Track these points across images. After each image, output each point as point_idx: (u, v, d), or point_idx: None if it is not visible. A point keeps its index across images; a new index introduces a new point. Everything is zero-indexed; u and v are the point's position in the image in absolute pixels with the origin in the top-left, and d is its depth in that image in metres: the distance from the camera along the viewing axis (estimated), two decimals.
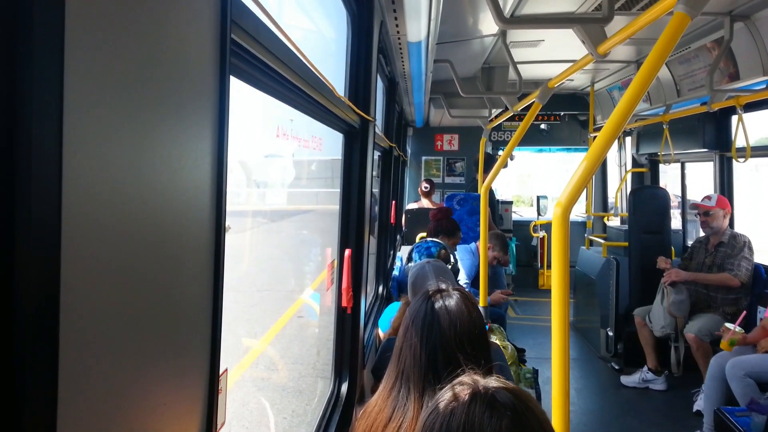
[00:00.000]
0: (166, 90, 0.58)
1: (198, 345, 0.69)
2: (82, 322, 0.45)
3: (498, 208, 7.58)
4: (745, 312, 4.02)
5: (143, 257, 0.55)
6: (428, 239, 4.06)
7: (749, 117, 4.24)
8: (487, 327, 2.80)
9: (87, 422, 0.47)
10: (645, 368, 4.77)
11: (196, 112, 0.64)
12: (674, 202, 6.47)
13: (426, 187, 7.02)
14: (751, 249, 4.45)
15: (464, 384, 0.98)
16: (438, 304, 1.51)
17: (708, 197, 4.65)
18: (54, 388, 0.42)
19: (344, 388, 2.30)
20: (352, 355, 2.34)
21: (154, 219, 0.56)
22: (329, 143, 2.45)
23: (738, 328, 3.79)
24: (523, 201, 18.02)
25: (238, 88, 1.06)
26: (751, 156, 4.09)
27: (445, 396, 0.97)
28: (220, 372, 0.91)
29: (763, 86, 3.65)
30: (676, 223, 6.26)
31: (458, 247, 4.65)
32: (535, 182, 20.26)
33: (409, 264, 3.91)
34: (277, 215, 7.17)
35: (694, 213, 4.90)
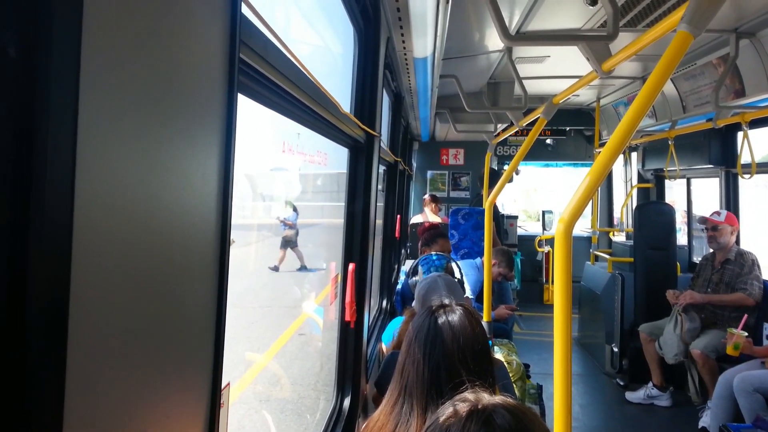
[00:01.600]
0: (177, 107, 0.59)
1: (201, 358, 0.70)
2: (89, 330, 0.46)
3: (503, 223, 7.58)
4: (746, 315, 4.00)
5: (149, 269, 0.56)
6: (432, 253, 4.07)
7: (755, 133, 4.25)
8: (490, 342, 2.79)
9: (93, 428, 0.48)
10: (650, 384, 4.74)
11: (204, 129, 0.66)
12: (683, 218, 6.46)
13: (426, 196, 7.20)
14: (759, 267, 4.43)
15: (466, 401, 0.99)
16: (441, 320, 1.51)
17: (717, 212, 4.64)
18: (61, 396, 0.43)
19: (347, 402, 2.30)
20: (355, 370, 2.33)
21: (160, 232, 0.57)
22: (335, 157, 2.46)
23: (741, 332, 3.77)
24: (530, 216, 17.98)
25: (247, 103, 1.08)
26: (757, 172, 4.08)
27: (445, 411, 0.97)
28: (223, 386, 0.92)
29: None
30: (682, 239, 6.24)
31: (463, 262, 4.65)
32: (541, 197, 20.22)
33: (414, 278, 3.91)
34: (282, 229, 7.16)
35: (701, 228, 4.87)
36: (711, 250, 4.73)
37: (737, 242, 4.74)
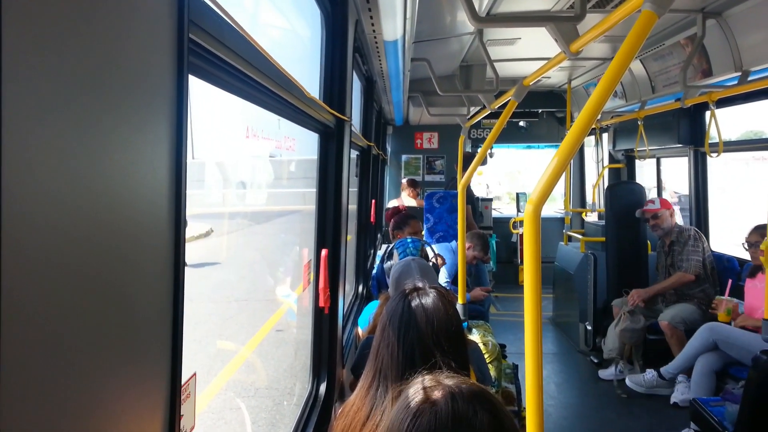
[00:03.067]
0: (119, 90, 0.56)
1: (158, 350, 0.68)
2: (23, 329, 0.44)
3: (478, 206, 7.62)
4: (730, 280, 4.13)
5: (95, 260, 0.53)
6: (407, 237, 4.07)
7: (722, 112, 4.32)
8: (465, 324, 2.81)
9: None
10: (620, 359, 4.84)
11: (151, 112, 0.63)
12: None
13: (403, 183, 7.23)
14: (696, 239, 4.64)
15: (434, 385, 0.99)
16: (415, 302, 1.51)
17: (651, 201, 4.92)
18: None
19: (323, 388, 2.30)
20: (330, 355, 2.33)
21: (106, 221, 0.55)
22: (312, 142, 2.44)
23: (730, 298, 3.91)
24: (513, 198, 18.12)
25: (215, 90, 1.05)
26: (724, 151, 4.16)
27: (414, 398, 0.96)
28: (188, 377, 0.90)
29: (735, 82, 3.71)
30: None
31: (438, 245, 4.67)
32: (525, 179, 20.34)
33: (389, 262, 3.92)
34: (261, 217, 6.95)
35: (643, 220, 5.05)
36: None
37: (706, 222, 4.90)
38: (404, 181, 7.41)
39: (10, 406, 0.42)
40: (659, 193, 6.28)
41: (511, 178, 20.69)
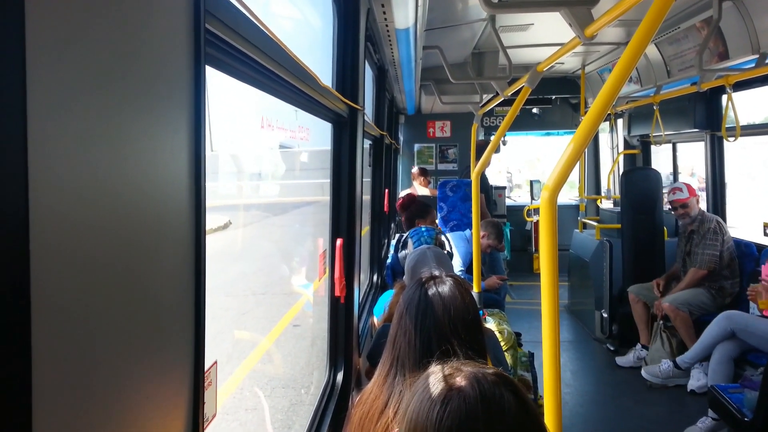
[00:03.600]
0: (138, 82, 0.57)
1: (181, 339, 0.69)
2: (54, 321, 0.45)
3: (492, 194, 7.59)
4: (764, 266, 4.03)
5: (119, 253, 0.54)
6: (421, 226, 4.08)
7: (739, 96, 4.25)
8: (481, 312, 2.81)
9: (64, 423, 0.47)
10: (638, 346, 4.81)
11: (170, 104, 0.64)
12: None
13: (414, 169, 7.19)
14: (716, 232, 4.49)
15: (454, 372, 0.99)
16: (431, 291, 1.52)
17: (679, 189, 4.70)
18: (27, 388, 0.42)
19: (339, 377, 2.31)
20: (347, 344, 2.34)
21: (129, 213, 0.56)
22: (326, 132, 2.44)
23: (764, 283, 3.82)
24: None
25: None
26: (741, 135, 4.10)
27: (437, 386, 0.97)
28: (209, 365, 0.92)
29: (752, 65, 3.64)
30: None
31: (452, 234, 4.67)
32: (545, 166, 20.17)
33: (404, 251, 3.92)
34: (279, 208, 6.82)
35: (670, 210, 4.92)
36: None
37: (723, 207, 4.82)
38: (414, 170, 7.38)
39: (43, 393, 0.43)
40: (675, 178, 6.21)
41: (531, 165, 20.54)
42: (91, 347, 0.50)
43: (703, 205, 4.96)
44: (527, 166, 19.93)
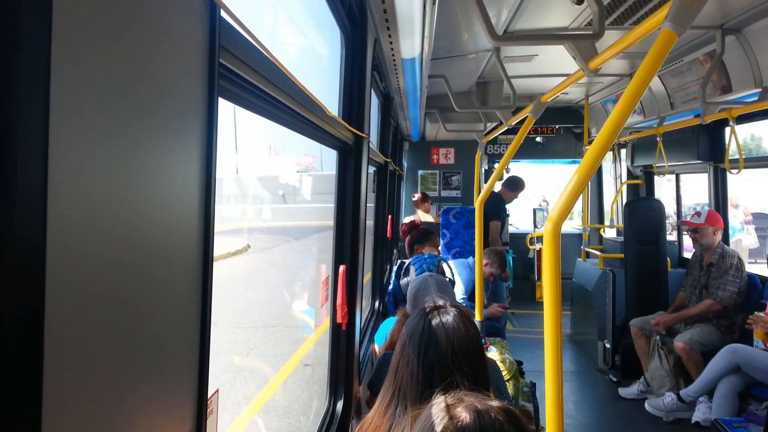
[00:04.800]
0: (154, 113, 0.59)
1: (185, 366, 0.69)
2: (65, 341, 0.46)
3: (507, 222, 7.57)
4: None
5: (128, 278, 0.55)
6: (424, 252, 4.08)
7: (742, 129, 4.27)
8: (483, 341, 2.80)
9: None
10: (642, 379, 4.76)
11: (183, 135, 0.65)
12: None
13: (414, 197, 7.13)
14: (738, 269, 4.43)
15: (456, 402, 0.99)
16: (435, 321, 1.51)
17: (698, 213, 4.65)
18: (38, 412, 0.43)
19: (339, 405, 2.30)
20: (348, 372, 2.33)
21: (138, 240, 0.57)
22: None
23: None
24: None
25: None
26: (744, 167, 4.11)
27: (439, 417, 0.96)
28: (211, 393, 0.91)
29: (755, 98, 3.68)
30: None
31: (455, 261, 4.66)
32: (534, 194, 20.19)
33: (405, 278, 3.92)
34: (299, 232, 6.57)
35: (684, 230, 4.90)
36: None
37: (726, 240, 4.77)
38: (416, 197, 7.31)
39: (52, 418, 0.44)
40: (678, 209, 6.21)
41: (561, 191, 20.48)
42: (97, 369, 0.51)
43: (751, 241, 4.85)
44: (558, 191, 19.91)
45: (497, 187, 6.50)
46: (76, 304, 0.47)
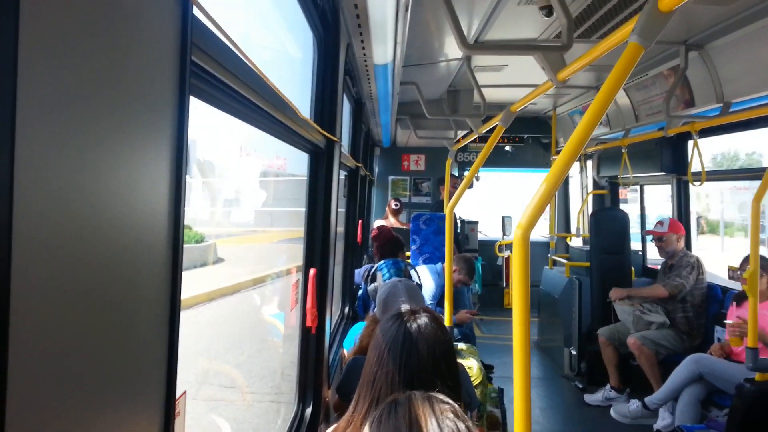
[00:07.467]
0: (124, 109, 0.58)
1: (153, 367, 0.68)
2: (30, 343, 0.45)
3: (464, 229, 7.66)
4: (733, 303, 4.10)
5: (95, 277, 0.54)
6: (390, 258, 4.09)
7: (704, 142, 4.41)
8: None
9: None
10: (608, 386, 4.85)
11: (154, 132, 0.64)
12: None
13: (396, 205, 7.13)
14: (695, 268, 4.64)
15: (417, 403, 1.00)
16: (413, 327, 1.49)
17: (660, 223, 4.88)
18: (2, 411, 0.41)
19: (308, 411, 2.28)
20: (317, 377, 2.31)
21: (106, 241, 0.56)
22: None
23: (736, 321, 3.88)
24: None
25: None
26: (707, 180, 4.23)
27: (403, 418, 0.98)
28: (178, 395, 0.90)
29: (717, 113, 3.79)
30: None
31: (423, 267, 4.68)
32: (499, 201, 20.39)
33: (373, 284, 3.92)
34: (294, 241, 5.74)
35: (649, 239, 5.08)
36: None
37: (688, 246, 4.93)
38: (397, 206, 7.34)
39: (17, 413, 0.43)
40: (643, 220, 6.36)
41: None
42: (64, 364, 0.50)
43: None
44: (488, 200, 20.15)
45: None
46: (42, 305, 0.46)
